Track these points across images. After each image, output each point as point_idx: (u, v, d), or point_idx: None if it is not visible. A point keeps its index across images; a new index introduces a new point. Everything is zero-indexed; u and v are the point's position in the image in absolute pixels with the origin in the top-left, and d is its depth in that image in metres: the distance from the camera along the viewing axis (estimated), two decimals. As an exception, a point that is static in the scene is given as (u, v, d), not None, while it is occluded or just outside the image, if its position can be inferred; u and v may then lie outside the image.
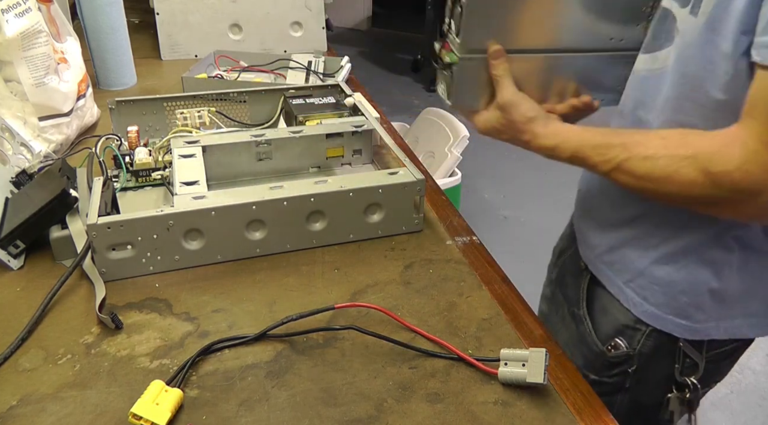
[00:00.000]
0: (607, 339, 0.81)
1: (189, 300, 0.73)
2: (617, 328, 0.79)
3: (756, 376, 2.00)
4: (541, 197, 2.87)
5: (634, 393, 0.81)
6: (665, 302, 0.75)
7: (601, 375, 0.82)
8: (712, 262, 0.72)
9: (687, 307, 0.74)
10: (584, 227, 0.85)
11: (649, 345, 0.77)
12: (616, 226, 0.78)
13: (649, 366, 0.79)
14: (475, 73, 0.76)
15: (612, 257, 0.79)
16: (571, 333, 0.87)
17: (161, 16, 1.53)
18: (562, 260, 0.95)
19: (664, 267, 0.74)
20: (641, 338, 0.78)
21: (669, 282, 0.74)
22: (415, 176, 0.84)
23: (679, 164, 0.62)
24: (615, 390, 0.82)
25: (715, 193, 0.60)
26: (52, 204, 0.77)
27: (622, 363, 0.80)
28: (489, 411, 0.59)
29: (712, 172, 0.59)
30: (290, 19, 1.59)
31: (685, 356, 0.76)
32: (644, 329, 0.77)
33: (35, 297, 0.72)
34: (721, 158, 0.59)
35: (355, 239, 0.84)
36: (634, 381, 0.81)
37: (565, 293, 0.91)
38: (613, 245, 0.79)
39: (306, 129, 0.96)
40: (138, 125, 0.98)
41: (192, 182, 0.81)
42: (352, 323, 0.68)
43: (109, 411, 0.58)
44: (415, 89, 4.26)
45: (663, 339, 0.77)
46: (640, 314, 0.77)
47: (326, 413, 0.58)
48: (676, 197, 0.64)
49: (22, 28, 0.93)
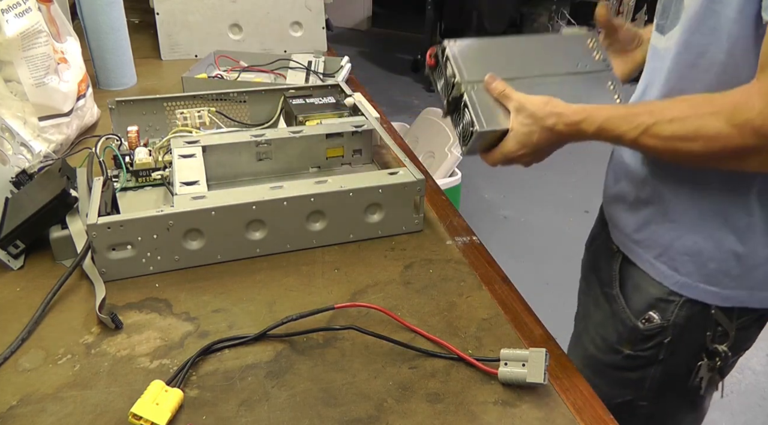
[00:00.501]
0: (640, 314, 0.83)
1: (189, 300, 0.73)
2: (650, 302, 0.82)
3: (756, 376, 2.00)
4: (541, 197, 2.87)
5: (667, 365, 0.84)
6: (695, 270, 0.78)
7: (636, 348, 0.85)
8: (736, 227, 0.74)
9: (716, 274, 0.77)
10: (613, 211, 0.88)
11: (682, 316, 0.80)
12: (642, 205, 0.81)
13: (683, 337, 0.81)
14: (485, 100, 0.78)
15: (641, 235, 0.82)
16: (604, 312, 0.89)
17: (161, 16, 1.53)
18: (594, 245, 0.97)
19: (691, 237, 0.77)
20: (674, 309, 0.80)
21: (697, 251, 0.77)
22: (415, 176, 0.84)
23: (704, 120, 0.65)
24: (649, 362, 0.85)
25: (740, 142, 0.63)
26: (52, 204, 0.77)
27: (657, 335, 0.82)
28: (489, 411, 0.59)
29: (735, 122, 0.63)
30: (290, 19, 1.59)
31: (717, 324, 0.79)
32: (677, 300, 0.80)
33: (35, 297, 0.72)
34: (743, 107, 0.63)
35: (355, 239, 0.84)
36: (668, 353, 0.83)
37: (598, 276, 0.93)
38: (641, 223, 0.82)
39: (306, 129, 0.96)
40: (138, 125, 0.98)
41: (192, 182, 0.81)
42: (352, 323, 0.68)
43: (109, 411, 0.58)
44: (415, 89, 4.25)
45: (695, 309, 0.79)
46: (672, 285, 0.79)
47: (326, 413, 0.58)
48: (703, 154, 0.66)
49: (22, 28, 0.93)
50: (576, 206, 2.79)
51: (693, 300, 0.79)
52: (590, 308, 0.94)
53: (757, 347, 2.09)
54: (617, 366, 0.87)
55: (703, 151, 0.66)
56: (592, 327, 0.92)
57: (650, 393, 0.86)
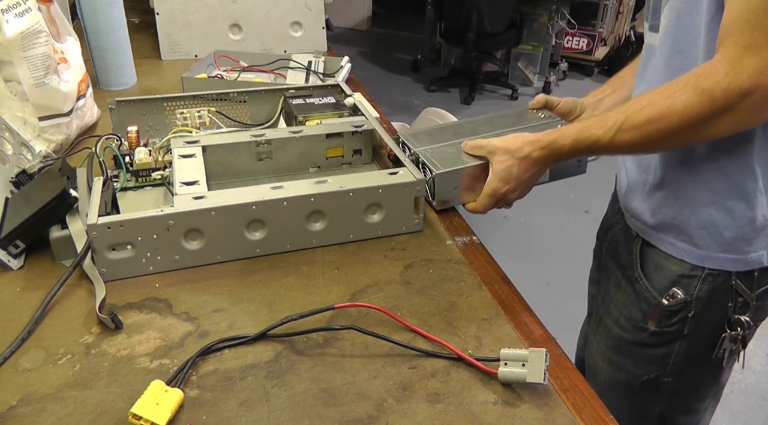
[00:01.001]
0: (664, 291, 0.85)
1: (189, 300, 0.73)
2: (673, 280, 0.85)
3: (756, 376, 2.00)
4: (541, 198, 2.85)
5: (691, 339, 0.86)
6: (713, 242, 0.81)
7: (661, 325, 0.87)
8: (744, 193, 0.78)
9: (733, 241, 0.80)
10: (628, 202, 0.90)
11: (705, 289, 0.83)
12: (654, 190, 0.85)
13: (706, 310, 0.84)
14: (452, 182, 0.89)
15: (656, 219, 0.85)
16: (627, 294, 0.92)
17: (161, 16, 1.53)
18: (610, 235, 1.00)
19: (704, 210, 0.80)
20: (697, 283, 0.83)
21: (712, 223, 0.80)
22: (415, 176, 0.84)
23: (673, 97, 0.69)
24: (674, 338, 0.87)
25: (713, 106, 0.67)
26: (52, 204, 0.77)
27: (681, 310, 0.85)
28: (489, 411, 0.59)
29: (703, 87, 0.67)
30: (290, 19, 1.59)
31: (738, 295, 0.83)
32: (700, 274, 0.83)
33: (35, 297, 0.72)
34: (707, 74, 0.67)
35: (355, 239, 0.84)
36: (692, 327, 0.85)
37: (617, 262, 0.96)
38: (655, 209, 0.85)
39: (306, 129, 0.96)
40: (138, 125, 0.98)
41: (192, 182, 0.81)
42: (352, 323, 0.68)
43: (109, 411, 0.58)
44: (415, 89, 4.25)
45: (717, 282, 0.82)
46: (694, 259, 0.82)
47: (326, 413, 0.58)
48: (679, 129, 0.70)
49: (22, 28, 0.93)
50: (576, 206, 2.79)
51: (714, 273, 0.82)
52: (611, 292, 0.96)
53: (757, 347, 2.10)
54: (643, 344, 0.89)
55: (678, 125, 0.70)
56: (615, 308, 0.94)
57: (674, 368, 0.89)
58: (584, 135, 0.76)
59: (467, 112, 3.89)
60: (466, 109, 3.96)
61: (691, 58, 0.75)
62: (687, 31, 0.74)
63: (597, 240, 1.07)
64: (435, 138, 0.94)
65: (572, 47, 4.31)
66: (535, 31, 4.11)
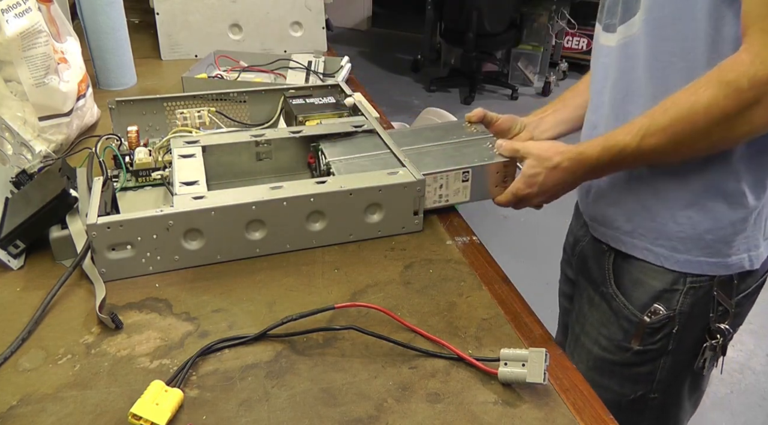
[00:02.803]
0: (645, 308, 0.84)
1: (189, 300, 0.73)
2: (653, 295, 0.83)
3: (756, 376, 2.00)
4: (541, 197, 2.86)
5: (676, 354, 0.85)
6: (694, 246, 0.79)
7: (645, 343, 0.85)
8: (724, 193, 0.76)
9: (714, 244, 0.79)
10: (597, 212, 0.89)
11: (688, 303, 0.82)
12: (627, 194, 0.83)
13: (689, 323, 0.83)
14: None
15: (631, 225, 0.83)
16: (602, 312, 0.90)
17: (161, 16, 1.53)
18: (578, 249, 0.98)
19: (685, 212, 0.79)
20: (680, 297, 0.82)
21: (692, 225, 0.78)
22: (415, 176, 0.84)
23: (696, 94, 0.67)
24: (659, 354, 0.86)
25: (740, 98, 0.64)
26: (52, 204, 0.77)
27: (665, 326, 0.83)
28: (489, 411, 0.59)
29: (729, 79, 0.64)
30: (290, 19, 1.59)
31: (718, 304, 0.82)
32: (682, 287, 0.81)
33: (35, 297, 0.72)
34: (733, 64, 0.65)
35: (355, 239, 0.84)
36: (676, 342, 0.84)
37: (588, 277, 0.94)
38: (630, 213, 0.83)
39: (306, 129, 0.96)
40: (138, 125, 0.98)
41: (192, 182, 0.81)
42: (352, 323, 0.68)
43: (109, 411, 0.58)
44: (415, 89, 4.26)
45: (699, 294, 0.81)
46: (674, 265, 0.81)
47: (326, 413, 0.58)
48: (707, 128, 0.67)
49: (22, 28, 0.93)
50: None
51: (696, 285, 0.81)
52: (584, 310, 0.94)
53: (758, 347, 2.10)
54: (627, 363, 0.88)
55: (704, 123, 0.67)
56: (591, 328, 0.92)
57: (660, 384, 0.87)
58: (611, 142, 0.74)
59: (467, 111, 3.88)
60: (466, 109, 3.96)
61: (684, 41, 0.72)
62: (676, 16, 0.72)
63: (564, 252, 1.05)
64: (352, 148, 0.91)
65: (572, 47, 4.31)
66: (535, 31, 4.11)
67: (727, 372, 2.00)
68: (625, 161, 0.75)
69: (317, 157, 0.92)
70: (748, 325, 2.21)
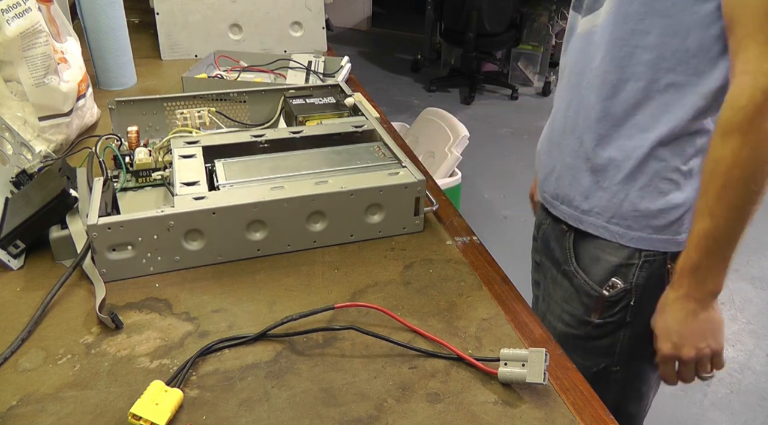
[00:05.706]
0: (603, 283, 0.87)
1: (189, 300, 0.73)
2: (611, 270, 0.86)
3: (756, 376, 2.00)
4: (541, 197, 2.86)
5: (634, 326, 0.88)
6: (646, 224, 0.83)
7: (604, 316, 0.88)
8: (675, 174, 0.80)
9: (665, 222, 0.82)
10: (557, 193, 0.91)
11: (643, 276, 0.85)
12: (583, 173, 0.86)
13: (645, 296, 0.86)
14: None
15: (589, 203, 0.87)
16: (565, 289, 0.93)
17: (161, 16, 1.53)
18: (541, 232, 1.01)
19: (636, 193, 0.82)
20: (635, 271, 0.85)
21: (644, 206, 0.82)
22: (415, 177, 0.84)
23: (715, 149, 0.70)
24: (618, 327, 0.89)
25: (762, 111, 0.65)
26: (52, 204, 0.77)
27: (622, 298, 0.87)
28: (489, 411, 0.59)
29: (740, 106, 0.66)
30: (290, 19, 1.59)
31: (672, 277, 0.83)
32: (637, 261, 0.85)
33: (35, 297, 0.72)
34: (735, 95, 0.67)
35: (356, 239, 0.84)
36: (634, 314, 0.87)
37: (551, 258, 0.97)
38: (588, 193, 0.86)
39: (306, 129, 0.96)
40: (138, 125, 0.98)
41: (192, 183, 0.81)
42: (352, 323, 0.68)
43: (109, 411, 0.58)
44: (415, 89, 4.26)
45: (654, 267, 0.85)
46: (629, 242, 0.84)
47: (326, 413, 0.58)
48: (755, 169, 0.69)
49: (22, 28, 0.93)
50: (576, 206, 2.78)
51: (650, 259, 0.84)
52: (549, 289, 0.97)
53: (757, 347, 2.10)
54: (589, 336, 0.91)
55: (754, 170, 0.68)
56: (555, 305, 0.95)
57: (621, 357, 0.90)
58: (693, 235, 0.75)
59: (467, 111, 3.89)
60: (466, 109, 3.96)
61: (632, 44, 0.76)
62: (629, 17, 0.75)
63: (533, 241, 1.07)
64: (249, 172, 0.85)
65: (572, 47, 4.30)
66: (535, 31, 4.11)
67: (727, 372, 2.00)
68: (719, 242, 0.74)
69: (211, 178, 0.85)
70: (748, 325, 2.21)
